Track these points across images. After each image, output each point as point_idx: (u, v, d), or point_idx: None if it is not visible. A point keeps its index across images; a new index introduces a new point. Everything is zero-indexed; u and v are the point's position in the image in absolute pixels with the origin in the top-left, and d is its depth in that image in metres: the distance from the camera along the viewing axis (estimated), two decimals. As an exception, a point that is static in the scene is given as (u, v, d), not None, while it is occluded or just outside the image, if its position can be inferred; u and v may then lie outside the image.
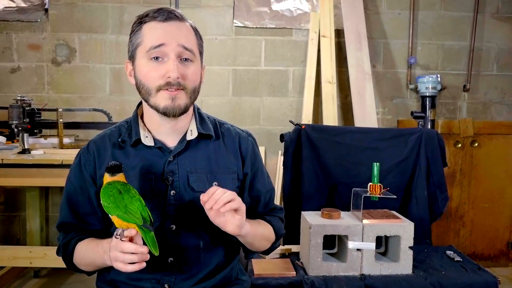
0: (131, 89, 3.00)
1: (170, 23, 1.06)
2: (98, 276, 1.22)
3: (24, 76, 2.99)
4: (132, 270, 0.95)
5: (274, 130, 3.07)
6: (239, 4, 3.04)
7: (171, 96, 1.05)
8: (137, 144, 1.14)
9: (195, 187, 1.13)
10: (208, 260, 1.15)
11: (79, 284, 2.75)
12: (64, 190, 1.19)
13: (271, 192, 1.30)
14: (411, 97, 3.18)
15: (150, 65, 1.05)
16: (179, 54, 1.05)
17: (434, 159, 2.44)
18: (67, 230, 1.18)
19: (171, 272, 1.13)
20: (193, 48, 1.08)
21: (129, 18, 2.98)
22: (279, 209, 1.34)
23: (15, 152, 2.45)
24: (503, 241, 3.26)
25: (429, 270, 1.97)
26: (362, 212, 1.93)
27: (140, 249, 0.94)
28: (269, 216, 1.28)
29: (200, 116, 1.21)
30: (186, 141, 1.14)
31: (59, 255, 1.20)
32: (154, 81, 1.05)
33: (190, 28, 1.10)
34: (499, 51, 3.19)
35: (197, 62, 1.11)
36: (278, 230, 1.27)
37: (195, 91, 1.11)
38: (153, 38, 1.05)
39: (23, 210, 3.00)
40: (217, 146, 1.19)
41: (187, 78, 1.06)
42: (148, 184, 1.11)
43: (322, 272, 1.89)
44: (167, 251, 1.12)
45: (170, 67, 1.03)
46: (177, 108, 1.06)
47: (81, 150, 1.18)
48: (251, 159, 1.23)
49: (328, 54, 2.93)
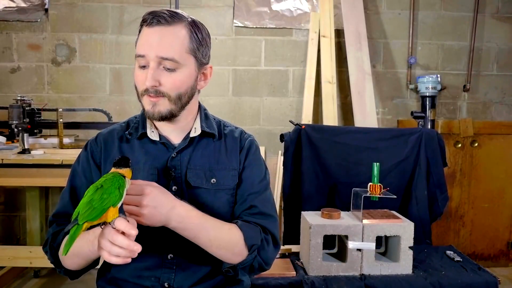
0: (131, 89, 3.00)
1: (155, 28, 1.05)
2: (98, 275, 1.21)
3: (24, 76, 2.99)
4: (115, 262, 0.91)
5: (274, 130, 3.08)
6: (239, 4, 3.04)
7: (151, 102, 1.08)
8: (143, 138, 1.17)
9: (192, 182, 1.14)
10: (208, 259, 1.14)
11: (79, 284, 2.75)
12: (68, 180, 1.19)
13: (258, 195, 1.18)
14: (411, 97, 3.18)
15: (138, 70, 1.10)
16: (159, 64, 1.06)
17: (434, 159, 2.44)
18: (61, 223, 1.15)
19: (171, 270, 1.13)
20: (177, 55, 1.06)
21: (129, 18, 2.98)
22: (264, 214, 1.16)
23: (15, 152, 2.45)
24: (503, 241, 3.26)
25: (429, 270, 1.97)
26: (362, 212, 1.93)
27: (133, 246, 0.90)
28: (243, 222, 1.13)
29: (206, 116, 1.24)
30: (189, 138, 1.17)
31: (44, 249, 1.16)
32: (139, 86, 1.10)
33: (180, 32, 1.07)
34: (499, 51, 3.20)
35: (184, 68, 1.08)
36: (248, 240, 1.10)
37: (181, 97, 1.10)
38: (138, 46, 1.08)
39: (23, 210, 3.00)
40: (219, 146, 1.21)
41: (166, 86, 1.07)
42: (152, 178, 1.12)
43: (322, 272, 1.89)
44: (168, 247, 1.12)
45: (148, 76, 1.06)
46: (157, 113, 1.09)
47: (89, 141, 1.21)
48: (246, 155, 1.22)
49: (328, 54, 2.93)
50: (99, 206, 0.90)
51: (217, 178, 1.16)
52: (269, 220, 1.17)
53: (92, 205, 0.90)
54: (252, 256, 1.11)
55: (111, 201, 0.91)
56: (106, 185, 0.92)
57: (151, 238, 1.09)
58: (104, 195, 0.91)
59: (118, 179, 0.94)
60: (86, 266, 1.12)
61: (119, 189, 0.92)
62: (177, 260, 1.13)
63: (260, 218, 1.16)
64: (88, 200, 0.91)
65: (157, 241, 1.11)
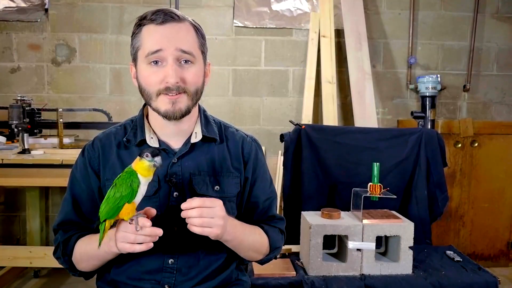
0: (131, 89, 3.00)
1: (167, 25, 1.04)
2: (98, 276, 1.21)
3: (24, 76, 2.99)
4: (140, 250, 0.95)
5: (274, 130, 3.07)
6: (239, 4, 3.04)
7: (171, 100, 1.05)
8: (142, 144, 1.13)
9: (197, 189, 1.12)
10: (208, 262, 1.15)
11: (79, 284, 2.75)
12: (68, 188, 1.17)
13: (271, 200, 1.26)
14: (411, 97, 3.18)
15: (149, 69, 1.05)
16: (178, 58, 1.04)
17: (434, 159, 2.44)
18: (67, 229, 1.16)
19: (171, 274, 1.12)
20: (193, 49, 1.07)
21: (129, 18, 2.98)
22: (278, 219, 1.27)
23: (15, 152, 2.45)
24: (503, 241, 3.26)
25: (429, 270, 1.97)
26: (362, 212, 1.93)
27: (156, 230, 0.95)
28: (268, 226, 1.23)
29: (206, 118, 1.20)
30: (190, 144, 1.14)
31: (56, 255, 1.17)
32: (154, 85, 1.05)
33: (190, 28, 1.08)
34: (499, 51, 3.19)
35: (198, 62, 1.09)
36: (274, 243, 1.22)
37: (197, 92, 1.10)
38: (150, 43, 1.04)
39: (23, 210, 3.00)
40: (221, 150, 1.18)
41: (187, 81, 1.06)
42: (152, 185, 1.09)
43: (322, 272, 1.89)
44: (169, 252, 1.12)
45: (169, 72, 1.03)
46: (178, 111, 1.06)
47: (86, 146, 1.18)
48: (253, 164, 1.21)
49: (328, 54, 2.93)
50: (113, 205, 0.94)
51: (221, 185, 1.15)
52: (283, 221, 1.29)
53: (108, 203, 0.95)
54: (273, 255, 1.26)
55: (124, 199, 0.94)
56: (119, 183, 0.95)
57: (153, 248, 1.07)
58: (117, 193, 0.94)
59: (129, 175, 0.95)
60: (100, 266, 1.14)
61: (131, 185, 0.94)
62: (178, 264, 1.12)
63: (277, 223, 1.26)
64: (106, 198, 0.96)
65: (159, 245, 1.08)
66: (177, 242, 1.12)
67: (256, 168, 1.22)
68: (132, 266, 1.13)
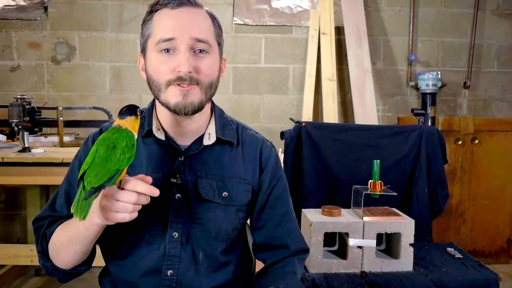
0: (131, 87, 3.00)
1: (182, 9, 0.95)
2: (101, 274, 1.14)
3: (24, 74, 2.99)
4: (130, 218, 0.84)
5: (274, 128, 3.07)
6: (239, 1, 3.03)
7: (182, 92, 0.94)
8: (149, 136, 1.04)
9: (203, 194, 1.02)
10: (211, 278, 1.04)
11: (80, 282, 2.74)
12: (65, 177, 1.10)
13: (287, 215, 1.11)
14: (412, 94, 3.17)
15: (160, 58, 0.95)
16: (192, 47, 0.94)
17: (435, 156, 2.44)
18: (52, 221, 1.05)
19: (170, 287, 1.01)
20: (209, 38, 0.97)
21: (128, 16, 2.97)
22: (302, 250, 1.12)
23: (16, 150, 2.45)
24: (503, 238, 3.26)
25: (430, 267, 1.97)
26: (362, 209, 1.93)
27: (153, 190, 0.83)
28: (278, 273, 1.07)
29: (223, 119, 1.09)
30: (202, 145, 1.03)
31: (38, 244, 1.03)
32: (164, 75, 0.94)
33: (206, 15, 0.99)
34: (500, 48, 3.19)
35: (214, 53, 0.99)
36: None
37: (212, 86, 0.99)
38: (163, 29, 0.94)
39: (23, 208, 3.01)
40: (235, 153, 1.07)
41: (201, 72, 0.95)
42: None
43: (323, 270, 1.89)
44: (168, 262, 1.01)
45: (181, 60, 0.92)
46: (190, 105, 0.95)
47: (93, 133, 1.10)
48: (271, 172, 1.10)
49: (328, 52, 2.93)
50: (113, 167, 0.82)
51: (229, 192, 1.04)
52: (304, 242, 1.14)
53: (105, 165, 0.81)
54: None
55: (127, 162, 0.84)
56: (118, 144, 0.84)
57: (152, 253, 1.02)
58: (121, 155, 0.83)
59: (129, 137, 0.86)
60: (80, 260, 1.01)
61: (133, 147, 0.85)
62: (178, 277, 1.02)
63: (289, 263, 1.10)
64: (98, 159, 0.82)
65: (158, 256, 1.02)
66: (177, 251, 1.02)
67: (275, 177, 1.11)
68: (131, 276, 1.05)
